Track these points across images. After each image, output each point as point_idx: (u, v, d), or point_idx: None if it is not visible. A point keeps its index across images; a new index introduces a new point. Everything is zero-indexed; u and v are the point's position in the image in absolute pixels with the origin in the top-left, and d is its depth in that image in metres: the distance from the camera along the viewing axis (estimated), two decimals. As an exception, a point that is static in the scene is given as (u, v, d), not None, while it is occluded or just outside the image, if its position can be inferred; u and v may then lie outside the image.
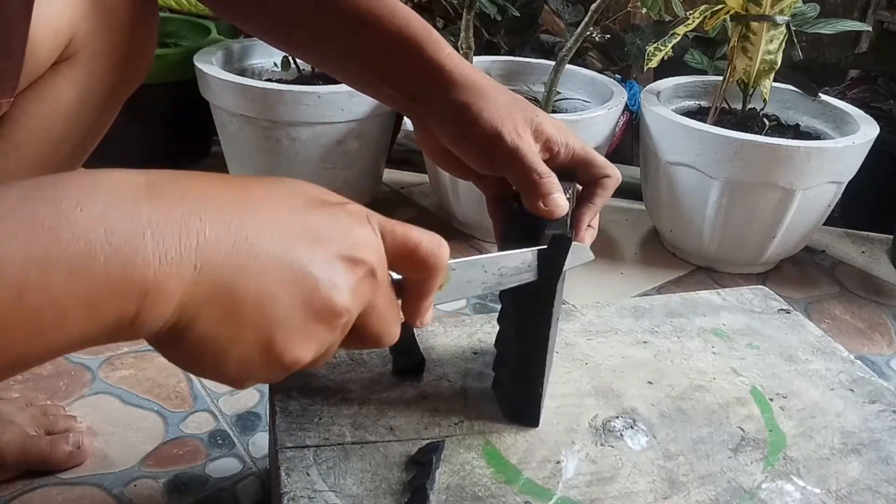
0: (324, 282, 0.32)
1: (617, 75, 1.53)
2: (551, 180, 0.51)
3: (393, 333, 0.38)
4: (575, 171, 0.56)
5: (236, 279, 0.30)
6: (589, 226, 0.56)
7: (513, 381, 0.57)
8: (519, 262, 0.50)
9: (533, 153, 0.51)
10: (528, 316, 0.55)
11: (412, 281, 0.38)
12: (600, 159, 0.56)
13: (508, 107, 0.52)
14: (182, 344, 0.31)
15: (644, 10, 1.14)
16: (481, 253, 1.11)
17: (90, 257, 0.27)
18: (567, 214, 0.54)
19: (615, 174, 0.56)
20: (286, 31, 0.56)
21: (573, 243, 0.50)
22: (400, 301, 0.40)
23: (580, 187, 0.57)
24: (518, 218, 0.54)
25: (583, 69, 1.26)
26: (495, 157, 0.52)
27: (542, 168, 0.51)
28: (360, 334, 0.36)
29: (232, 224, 0.31)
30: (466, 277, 0.46)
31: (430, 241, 0.37)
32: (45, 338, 0.27)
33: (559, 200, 0.51)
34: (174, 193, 0.30)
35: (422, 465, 0.51)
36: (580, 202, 0.56)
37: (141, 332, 0.30)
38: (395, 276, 0.39)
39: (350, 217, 0.35)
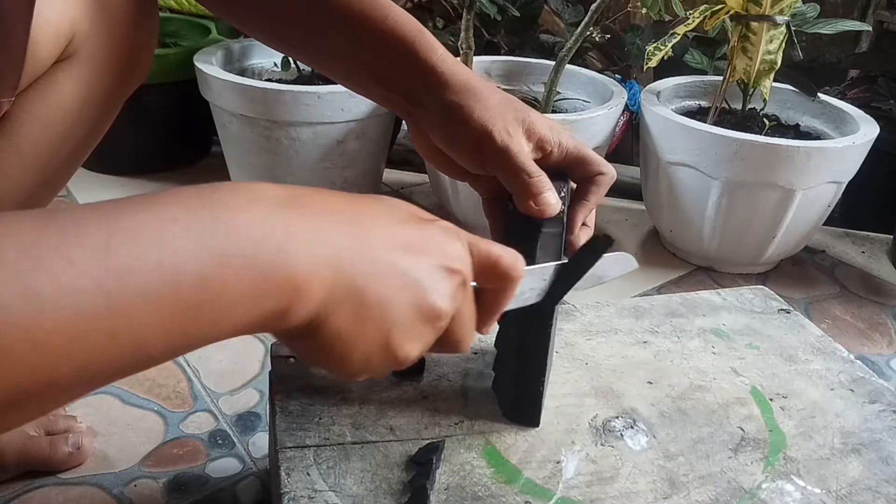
0: (430, 287, 0.37)
1: (617, 75, 1.53)
2: (541, 179, 0.51)
3: (470, 341, 0.42)
4: (569, 170, 0.56)
5: (365, 283, 0.34)
6: (584, 224, 0.56)
7: (513, 381, 0.57)
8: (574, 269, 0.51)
9: (523, 153, 0.52)
10: (528, 316, 0.55)
11: (490, 291, 0.42)
12: (594, 157, 0.56)
13: (500, 107, 0.52)
14: (315, 339, 0.34)
15: (644, 10, 1.14)
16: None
17: (257, 256, 0.31)
18: (562, 213, 0.54)
19: (610, 171, 0.56)
20: (280, 31, 0.56)
21: (618, 253, 0.51)
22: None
23: (575, 186, 0.57)
24: (513, 217, 0.54)
25: (583, 69, 1.26)
26: (486, 156, 0.52)
27: (532, 168, 0.51)
28: (444, 338, 0.40)
29: (358, 235, 0.35)
30: (529, 286, 0.48)
31: (510, 256, 0.41)
32: (213, 324, 0.30)
33: (550, 199, 0.52)
34: (313, 206, 0.35)
35: (422, 465, 0.51)
36: (574, 200, 0.56)
37: (286, 325, 0.33)
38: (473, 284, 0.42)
39: (444, 232, 0.39)
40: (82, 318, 0.26)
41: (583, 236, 0.56)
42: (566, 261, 0.51)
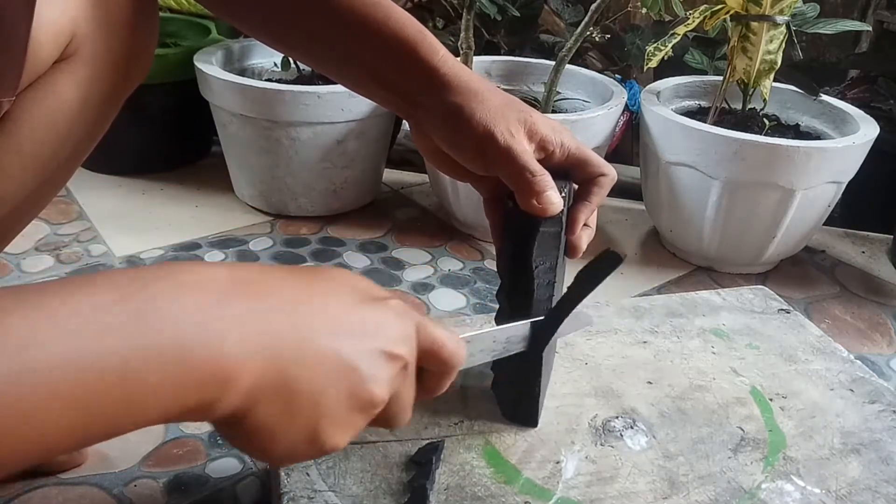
0: (367, 375, 0.36)
1: (617, 75, 1.53)
2: (544, 178, 0.52)
3: (406, 419, 0.41)
4: (571, 171, 0.56)
5: (298, 373, 0.34)
6: (586, 225, 0.56)
7: (512, 382, 0.57)
8: (524, 332, 0.52)
9: (526, 153, 0.52)
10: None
11: (431, 373, 0.42)
12: (596, 158, 0.56)
13: (502, 108, 0.52)
14: (239, 427, 0.34)
15: (644, 10, 1.14)
16: (481, 253, 1.11)
17: (184, 349, 0.31)
18: (563, 213, 0.54)
19: (611, 173, 0.56)
20: (281, 32, 0.56)
21: (574, 312, 0.52)
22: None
23: (576, 186, 0.57)
24: (514, 216, 0.54)
25: (583, 69, 1.26)
26: (488, 157, 0.52)
27: (535, 167, 0.52)
28: (378, 416, 0.39)
29: (299, 322, 0.35)
30: (478, 348, 0.49)
31: (453, 345, 0.41)
32: (133, 416, 0.30)
33: (553, 198, 0.52)
34: (253, 290, 0.34)
35: (421, 465, 0.51)
36: (576, 201, 0.56)
37: (211, 417, 0.33)
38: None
39: (392, 314, 0.39)
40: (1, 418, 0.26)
41: (584, 237, 0.56)
42: (516, 323, 0.52)
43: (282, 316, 0.34)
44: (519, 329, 0.51)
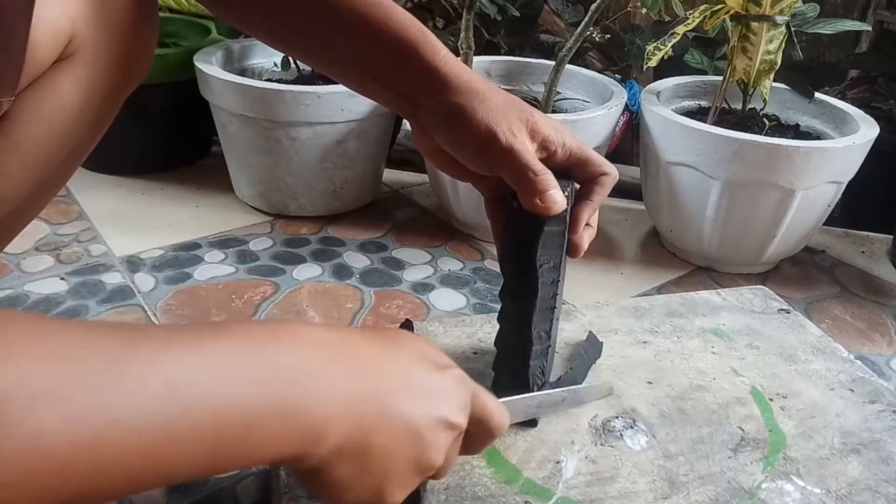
0: (430, 443, 0.39)
1: (617, 75, 1.53)
2: (547, 177, 0.52)
3: (446, 473, 0.45)
4: (573, 170, 0.56)
5: (374, 437, 0.37)
6: (588, 224, 0.56)
7: (512, 381, 0.57)
8: (559, 399, 0.57)
9: (528, 152, 0.52)
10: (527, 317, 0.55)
11: (474, 436, 0.44)
12: (598, 157, 0.56)
13: (503, 107, 0.53)
14: (317, 477, 0.37)
15: (644, 10, 1.14)
16: (481, 253, 1.11)
17: (297, 406, 0.34)
18: (565, 212, 0.54)
19: (613, 172, 0.56)
20: (282, 32, 0.56)
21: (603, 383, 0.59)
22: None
23: (578, 186, 0.57)
24: (517, 216, 0.54)
25: (583, 69, 1.26)
26: (491, 157, 0.52)
27: (538, 166, 0.52)
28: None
29: (380, 390, 0.38)
30: (515, 410, 0.52)
31: (499, 416, 0.45)
32: (246, 458, 0.33)
33: (556, 196, 0.52)
34: (350, 355, 0.38)
35: None
36: (578, 200, 0.56)
37: (298, 466, 0.36)
38: None
39: (455, 383, 0.42)
40: (140, 446, 0.29)
41: (586, 236, 0.57)
42: (555, 391, 0.56)
43: (370, 382, 0.38)
44: (556, 395, 0.55)
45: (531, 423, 0.57)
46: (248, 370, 0.33)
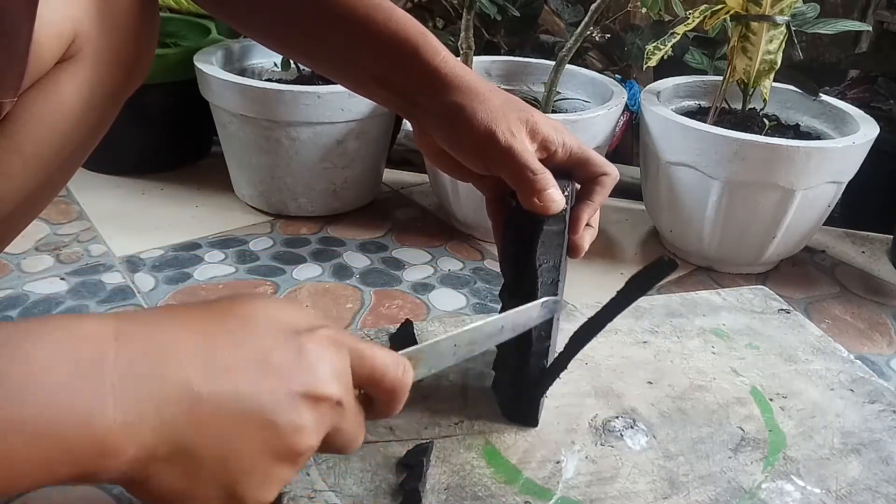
0: (287, 427, 0.33)
1: (617, 75, 1.53)
2: (545, 177, 0.52)
3: (357, 444, 0.40)
4: (573, 171, 0.56)
5: (197, 439, 0.31)
6: (588, 224, 0.56)
7: (512, 381, 0.57)
8: (490, 330, 0.50)
9: (527, 152, 0.52)
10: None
11: (379, 401, 0.40)
12: (598, 157, 0.56)
13: (503, 107, 0.53)
14: (143, 490, 0.32)
15: (644, 10, 1.14)
16: (481, 253, 1.11)
17: (54, 423, 0.28)
18: (565, 212, 0.54)
19: (613, 172, 0.56)
20: (280, 33, 0.56)
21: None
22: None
23: (578, 186, 0.58)
24: (517, 216, 0.54)
25: (583, 69, 1.26)
26: (490, 157, 0.52)
27: (536, 165, 0.52)
28: (325, 447, 0.38)
29: (194, 381, 0.32)
30: (438, 354, 0.47)
31: (394, 372, 0.39)
32: (4, 484, 0.28)
33: (554, 196, 0.52)
34: (140, 348, 0.31)
35: (411, 467, 0.51)
36: (578, 200, 0.57)
37: (98, 482, 0.31)
38: None
39: (320, 348, 0.35)
40: None
41: (587, 236, 0.57)
42: (477, 323, 0.50)
43: (177, 371, 0.32)
44: (485, 328, 0.49)
45: (532, 423, 0.57)
46: None
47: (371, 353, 0.38)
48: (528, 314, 0.52)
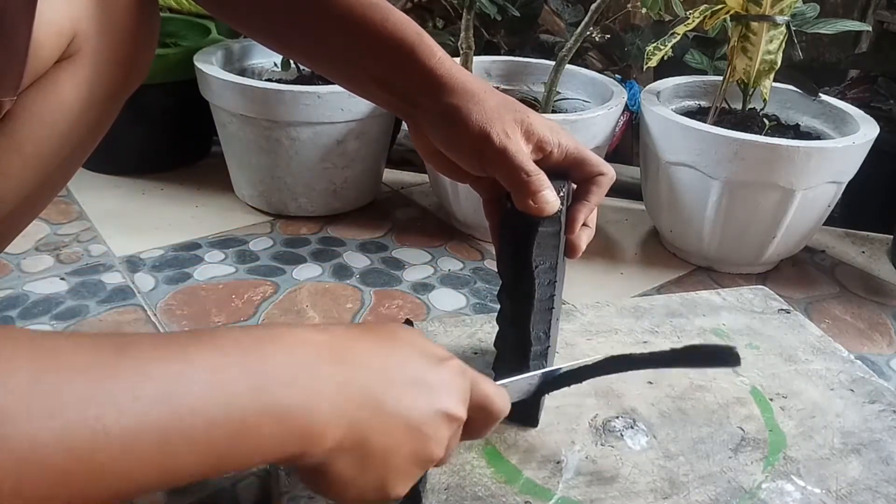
0: (430, 436, 0.40)
1: (617, 75, 1.53)
2: (540, 178, 0.52)
3: (447, 462, 0.46)
4: (570, 171, 0.56)
5: (373, 433, 0.38)
6: (585, 224, 0.56)
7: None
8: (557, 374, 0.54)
9: (522, 153, 0.52)
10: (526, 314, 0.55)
11: (476, 421, 0.45)
12: (594, 157, 0.56)
13: (498, 108, 0.53)
14: (318, 475, 0.38)
15: (644, 10, 1.14)
16: (481, 253, 1.11)
17: (291, 407, 0.35)
18: (561, 212, 0.54)
19: (609, 172, 0.56)
20: (279, 33, 0.56)
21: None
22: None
23: (575, 186, 0.57)
24: (512, 217, 0.54)
25: (583, 69, 1.26)
26: (485, 158, 0.52)
27: (531, 167, 0.52)
28: None
29: (376, 387, 0.39)
30: (516, 393, 0.51)
31: (500, 400, 0.45)
32: (241, 461, 0.34)
33: (548, 197, 0.52)
34: (345, 357, 0.38)
35: None
36: (575, 200, 0.56)
37: (297, 464, 0.37)
38: None
39: (454, 375, 0.42)
40: (134, 455, 0.30)
41: (584, 236, 0.57)
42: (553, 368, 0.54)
43: (366, 380, 0.38)
44: (553, 372, 0.54)
45: (532, 423, 0.57)
46: (236, 376, 0.33)
47: (484, 383, 0.45)
48: (592, 369, 0.54)
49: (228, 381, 0.33)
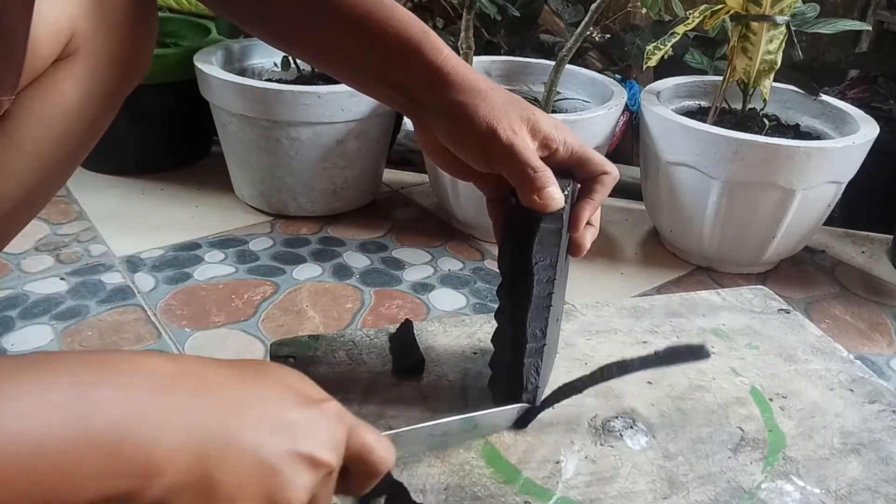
0: (289, 481, 0.37)
1: (617, 75, 1.53)
2: (546, 174, 0.52)
3: None
4: (574, 169, 0.56)
5: (220, 473, 0.35)
6: (589, 223, 0.56)
7: (506, 378, 0.57)
8: (464, 426, 0.54)
9: (528, 149, 0.52)
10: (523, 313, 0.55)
11: (357, 474, 0.42)
12: (598, 157, 0.56)
13: (505, 105, 0.53)
14: None
15: (644, 10, 1.14)
16: (481, 253, 1.11)
17: (121, 437, 0.32)
18: (564, 210, 0.54)
19: (613, 171, 0.56)
20: (283, 31, 0.56)
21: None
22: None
23: (579, 186, 0.58)
24: (516, 213, 0.54)
25: (583, 69, 1.26)
26: (491, 154, 0.52)
27: (537, 163, 0.52)
28: None
29: (230, 422, 0.36)
30: (412, 440, 0.50)
31: (381, 451, 0.42)
32: (69, 494, 0.31)
33: (554, 194, 0.52)
34: (193, 386, 0.36)
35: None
36: (579, 199, 0.57)
37: (136, 502, 0.34)
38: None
39: (327, 418, 0.40)
40: None
41: (588, 235, 0.57)
42: (453, 418, 0.54)
43: (215, 413, 0.36)
44: (456, 424, 0.53)
45: (521, 424, 0.57)
46: (60, 402, 0.31)
47: (364, 430, 0.42)
48: (503, 416, 0.55)
49: (52, 405, 0.31)
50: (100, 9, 0.50)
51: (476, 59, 1.19)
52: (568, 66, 1.15)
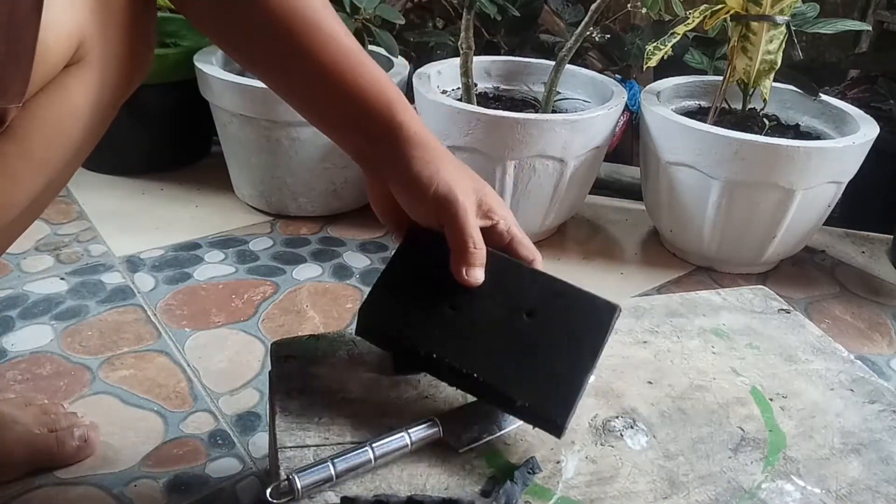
0: None
1: (617, 75, 1.53)
2: (480, 254, 0.55)
3: None
4: (506, 249, 0.59)
5: None
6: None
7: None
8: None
9: (475, 224, 0.55)
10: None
11: None
12: (529, 243, 0.59)
13: (460, 170, 0.57)
14: None
15: (644, 10, 1.14)
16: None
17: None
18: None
19: (538, 258, 0.59)
20: (260, 73, 0.62)
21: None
22: None
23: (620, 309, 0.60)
24: (424, 238, 0.58)
25: (583, 69, 1.26)
26: (442, 215, 0.55)
27: (478, 239, 0.55)
28: None
29: None
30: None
31: None
32: None
33: (478, 275, 0.56)
34: None
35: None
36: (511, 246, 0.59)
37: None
38: None
39: None
40: None
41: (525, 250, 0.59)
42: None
43: None
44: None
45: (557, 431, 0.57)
46: None
47: None
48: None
49: None
50: (105, 14, 0.50)
51: (476, 59, 1.19)
52: (568, 66, 1.15)
